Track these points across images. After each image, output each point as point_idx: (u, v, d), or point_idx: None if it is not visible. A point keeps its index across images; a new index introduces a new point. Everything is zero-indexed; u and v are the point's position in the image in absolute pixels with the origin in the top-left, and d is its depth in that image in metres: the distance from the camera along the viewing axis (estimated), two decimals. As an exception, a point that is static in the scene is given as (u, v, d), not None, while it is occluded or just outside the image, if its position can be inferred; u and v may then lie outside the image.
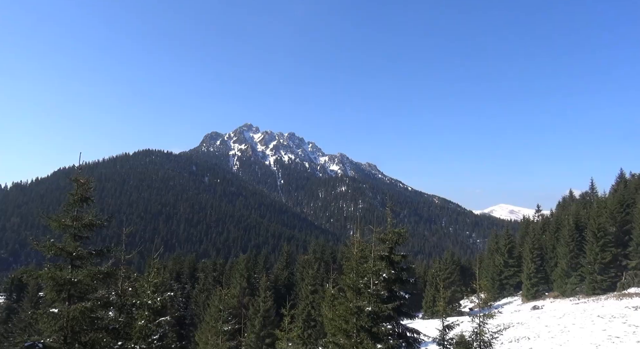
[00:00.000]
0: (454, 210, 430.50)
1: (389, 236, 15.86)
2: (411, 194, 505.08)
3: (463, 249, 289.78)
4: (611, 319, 38.05)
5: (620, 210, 59.58)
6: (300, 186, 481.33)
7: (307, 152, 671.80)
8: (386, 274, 15.58)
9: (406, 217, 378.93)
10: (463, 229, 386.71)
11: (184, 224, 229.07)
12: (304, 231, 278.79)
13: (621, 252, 54.57)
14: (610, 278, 53.62)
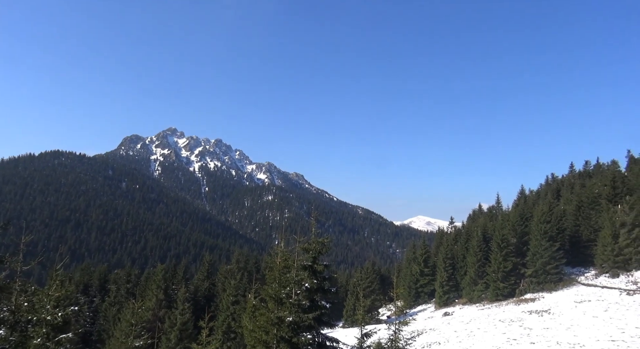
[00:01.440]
0: (376, 221, 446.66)
1: (313, 245, 16.04)
2: (336, 204, 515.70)
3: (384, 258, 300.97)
4: (510, 323, 41.69)
5: (521, 223, 65.91)
6: (225, 194, 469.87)
7: (234, 160, 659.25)
8: (308, 283, 15.71)
9: (331, 227, 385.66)
10: (384, 239, 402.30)
11: (95, 232, 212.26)
12: (228, 240, 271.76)
13: (520, 262, 60.22)
14: (510, 285, 58.87)
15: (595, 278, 56.40)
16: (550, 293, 54.33)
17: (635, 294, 45.97)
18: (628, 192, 65.86)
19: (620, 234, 55.19)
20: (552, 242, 57.70)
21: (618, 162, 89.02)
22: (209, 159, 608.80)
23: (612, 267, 55.47)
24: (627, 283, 51.20)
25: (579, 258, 63.05)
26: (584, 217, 67.23)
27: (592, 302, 45.43)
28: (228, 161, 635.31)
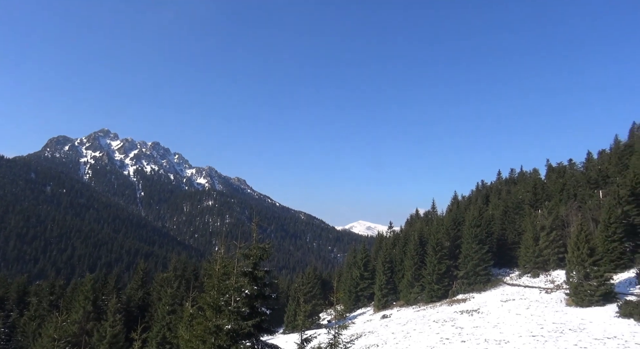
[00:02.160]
0: (318, 226, 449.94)
1: (254, 251, 15.87)
2: (279, 209, 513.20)
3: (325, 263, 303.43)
4: (443, 323, 43.68)
5: (454, 227, 69.51)
6: (163, 198, 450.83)
7: (173, 164, 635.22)
8: (249, 290, 15.51)
9: (273, 232, 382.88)
10: (326, 244, 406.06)
11: (14, 240, 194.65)
12: (165, 247, 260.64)
13: (453, 264, 63.43)
14: (444, 286, 61.80)
15: (519, 278, 60.76)
16: (480, 293, 57.69)
17: (552, 292, 50.08)
18: (547, 198, 71.87)
19: (540, 237, 59.97)
20: (482, 245, 61.44)
21: (539, 170, 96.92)
22: (146, 162, 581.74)
23: (533, 267, 60.07)
24: (545, 282, 55.67)
25: (505, 260, 67.59)
26: (509, 222, 72.31)
27: (516, 300, 48.85)
28: (166, 165, 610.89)
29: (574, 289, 43.51)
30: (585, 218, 60.01)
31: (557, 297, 47.23)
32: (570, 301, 43.94)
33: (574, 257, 44.52)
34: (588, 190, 69.49)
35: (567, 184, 74.42)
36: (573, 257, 44.64)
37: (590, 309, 40.41)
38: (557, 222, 61.75)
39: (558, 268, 57.23)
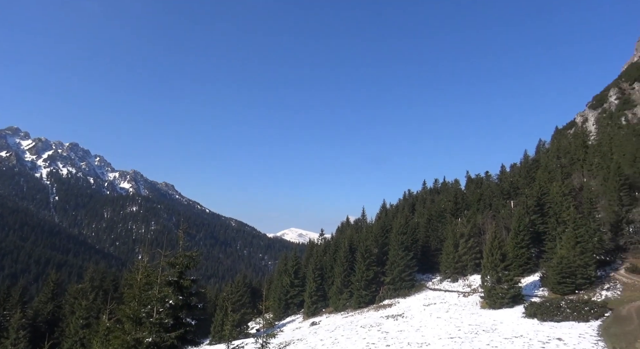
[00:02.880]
0: (249, 233, 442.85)
1: (180, 259, 15.26)
2: (209, 216, 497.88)
3: (256, 271, 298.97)
4: (370, 328, 44.88)
5: (382, 234, 72.01)
6: (80, 204, 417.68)
7: (93, 167, 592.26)
8: (173, 300, 14.86)
9: (202, 240, 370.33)
10: (257, 251, 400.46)
11: None
12: (81, 255, 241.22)
13: (380, 270, 65.61)
14: (371, 292, 63.64)
15: (440, 283, 64.30)
16: (405, 298, 60.18)
17: (469, 295, 53.59)
18: (466, 207, 77.10)
19: (459, 244, 64.04)
20: (408, 251, 64.28)
21: (459, 181, 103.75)
22: (62, 164, 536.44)
23: (453, 273, 63.92)
24: (463, 286, 59.45)
25: (428, 265, 71.18)
26: (433, 229, 76.42)
27: (437, 304, 51.59)
28: (85, 168, 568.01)
29: (488, 293, 46.92)
30: (499, 226, 65.14)
31: (473, 300, 50.58)
32: (484, 304, 47.30)
33: (488, 262, 48.05)
34: (501, 200, 75.59)
35: (483, 194, 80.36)
36: (487, 263, 48.17)
37: (502, 310, 43.76)
38: (475, 230, 66.36)
39: (475, 272, 61.37)
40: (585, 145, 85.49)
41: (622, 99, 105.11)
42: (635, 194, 59.97)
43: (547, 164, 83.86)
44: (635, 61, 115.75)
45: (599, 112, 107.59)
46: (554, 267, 47.60)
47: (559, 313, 38.38)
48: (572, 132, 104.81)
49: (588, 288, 46.01)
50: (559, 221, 56.94)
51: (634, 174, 61.99)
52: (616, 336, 30.97)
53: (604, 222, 57.95)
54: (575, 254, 47.22)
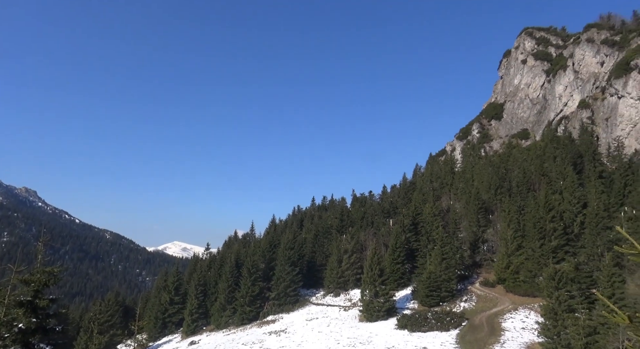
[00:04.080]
0: (126, 246, 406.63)
1: (37, 276, 13.48)
2: (79, 227, 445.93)
3: (131, 288, 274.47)
4: (252, 345, 44.17)
5: (269, 249, 71.96)
6: None
7: None
8: (24, 323, 13.00)
9: (68, 253, 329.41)
10: (134, 266, 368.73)
11: None
12: None
13: (266, 286, 65.28)
14: (256, 308, 62.85)
15: (323, 298, 66.20)
16: (289, 313, 60.58)
17: (349, 309, 56.06)
18: (351, 224, 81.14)
19: (343, 259, 66.93)
20: (294, 267, 65.11)
21: (346, 199, 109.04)
22: None
23: (336, 287, 66.38)
24: (345, 300, 62.03)
25: (313, 280, 72.84)
26: (319, 245, 78.72)
27: (319, 319, 52.92)
28: None
29: (366, 306, 49.63)
30: (379, 243, 69.76)
31: (352, 314, 52.98)
32: (362, 317, 49.88)
33: (368, 277, 50.95)
34: (382, 218, 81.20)
35: (367, 212, 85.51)
36: (367, 278, 51.06)
37: (378, 323, 46.54)
38: (358, 246, 70.04)
39: (356, 287, 64.49)
40: (453, 171, 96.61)
41: (482, 133, 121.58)
42: (489, 217, 69.24)
43: (422, 186, 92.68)
44: (493, 101, 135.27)
45: (464, 143, 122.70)
46: (423, 281, 52.34)
47: (425, 324, 42.15)
48: (443, 159, 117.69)
49: (450, 300, 51.42)
50: (429, 239, 63.02)
51: (489, 199, 71.67)
52: (470, 343, 35.05)
53: (465, 241, 65.74)
54: (441, 269, 52.61)
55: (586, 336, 28.96)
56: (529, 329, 39.71)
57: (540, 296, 42.97)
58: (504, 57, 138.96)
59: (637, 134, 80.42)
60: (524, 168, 76.48)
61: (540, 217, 54.18)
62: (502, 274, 54.20)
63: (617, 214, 54.60)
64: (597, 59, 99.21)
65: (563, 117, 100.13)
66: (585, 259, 47.88)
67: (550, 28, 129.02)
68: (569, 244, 53.63)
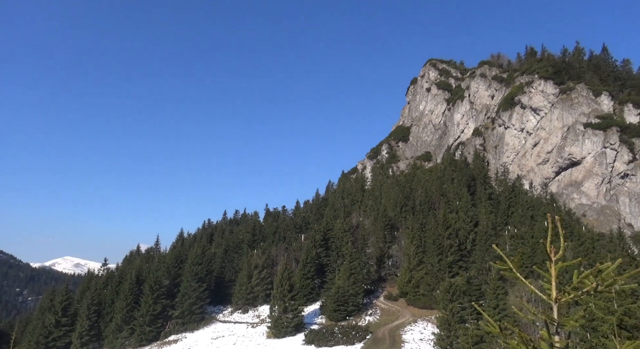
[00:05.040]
0: (5, 262, 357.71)
1: None
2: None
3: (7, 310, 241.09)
4: (151, 368, 41.20)
5: (176, 265, 68.27)
6: None
7: None
8: None
9: None
10: (14, 285, 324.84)
11: None
12: None
13: (169, 303, 61.62)
14: (157, 328, 58.88)
15: (231, 315, 64.24)
16: (193, 332, 57.69)
17: (257, 326, 55.06)
18: (263, 239, 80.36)
19: (253, 275, 65.80)
20: (201, 283, 62.41)
21: (259, 213, 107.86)
22: None
23: (245, 304, 64.88)
24: (253, 317, 60.82)
25: (220, 297, 70.39)
26: (229, 260, 76.58)
27: (226, 337, 51.20)
28: None
29: (274, 322, 49.18)
30: (290, 258, 69.92)
31: (260, 330, 52.11)
32: (270, 334, 49.29)
33: (277, 293, 50.65)
34: (294, 233, 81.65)
35: (279, 227, 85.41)
36: (277, 293, 50.75)
37: (285, 339, 46.31)
38: (269, 262, 69.42)
39: (265, 303, 63.63)
40: (363, 189, 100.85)
41: (391, 154, 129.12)
42: (395, 233, 73.22)
43: (333, 203, 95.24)
44: (400, 124, 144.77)
45: (374, 162, 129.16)
46: (332, 296, 53.38)
47: (332, 339, 42.91)
48: (354, 177, 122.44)
49: (356, 314, 53.02)
50: (339, 254, 64.70)
51: (395, 217, 75.90)
52: (373, 355, 36.33)
53: (372, 256, 68.59)
54: (349, 284, 54.19)
55: (474, 344, 31.68)
56: (426, 340, 42.34)
57: (437, 308, 46.18)
58: (411, 84, 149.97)
59: (519, 162, 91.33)
60: (426, 188, 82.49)
61: (439, 234, 58.63)
62: (404, 288, 57.35)
63: (502, 232, 61.17)
64: (488, 92, 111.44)
65: (460, 143, 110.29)
66: (475, 273, 52.68)
67: (451, 61, 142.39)
68: (463, 259, 58.67)
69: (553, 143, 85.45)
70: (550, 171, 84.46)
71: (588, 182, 77.44)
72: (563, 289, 2.98)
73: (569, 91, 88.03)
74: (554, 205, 68.79)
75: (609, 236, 56.74)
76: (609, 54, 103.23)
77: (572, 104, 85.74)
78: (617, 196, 72.86)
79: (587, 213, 73.22)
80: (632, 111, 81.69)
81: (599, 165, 76.91)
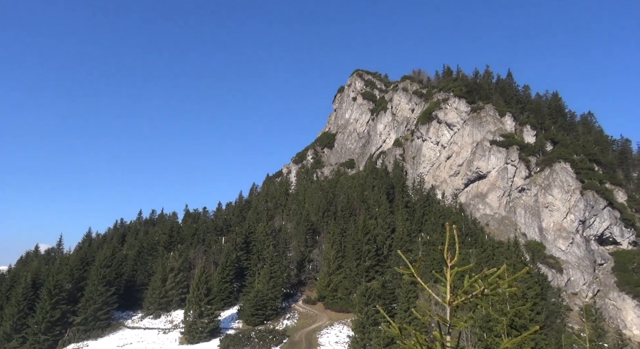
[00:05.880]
0: None
1: None
2: None
3: None
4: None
5: (81, 267, 62.93)
6: None
7: None
8: None
9: None
10: None
11: None
12: None
13: (71, 309, 56.56)
14: (54, 336, 53.70)
15: (141, 320, 60.62)
16: (97, 339, 53.52)
17: (169, 332, 52.58)
18: (181, 241, 77.02)
19: (168, 278, 62.80)
20: (109, 287, 58.14)
21: (177, 213, 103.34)
22: None
23: (157, 308, 61.62)
24: (165, 322, 57.97)
25: (130, 302, 66.17)
26: (142, 262, 72.29)
27: (134, 344, 48.22)
28: None
29: (188, 328, 47.35)
30: (209, 261, 67.87)
31: (173, 336, 49.86)
32: (183, 339, 47.36)
33: (193, 297, 48.88)
34: (215, 236, 79.40)
35: (199, 229, 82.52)
36: (193, 297, 48.95)
37: (199, 345, 44.80)
38: (186, 264, 66.71)
39: (179, 307, 60.98)
40: (287, 193, 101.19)
41: (316, 159, 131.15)
42: (316, 238, 74.34)
43: (257, 205, 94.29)
44: (327, 131, 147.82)
45: (299, 166, 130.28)
46: (250, 300, 52.69)
47: (248, 343, 42.34)
48: (279, 181, 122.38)
49: (274, 318, 52.86)
50: (260, 257, 64.11)
51: (318, 221, 77.09)
52: (289, 358, 36.46)
53: (293, 260, 68.96)
54: (269, 288, 53.91)
55: (385, 346, 33.18)
56: (341, 342, 43.45)
57: (353, 311, 47.62)
58: (339, 92, 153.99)
59: (434, 173, 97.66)
60: (349, 194, 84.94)
61: (358, 239, 60.61)
62: (323, 291, 58.36)
63: (416, 238, 64.86)
64: (409, 106, 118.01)
65: (382, 152, 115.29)
66: (390, 277, 55.18)
67: (376, 73, 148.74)
68: (379, 264, 61.19)
69: (464, 157, 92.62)
70: (460, 183, 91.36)
71: (492, 195, 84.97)
72: (455, 292, 3.29)
73: (479, 110, 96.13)
74: (462, 214, 74.45)
75: (507, 244, 62.72)
76: (513, 79, 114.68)
77: (481, 122, 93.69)
78: (515, 207, 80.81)
79: (489, 223, 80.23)
80: (530, 131, 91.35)
81: (501, 179, 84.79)
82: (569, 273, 69.13)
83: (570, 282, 68.42)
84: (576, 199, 75.72)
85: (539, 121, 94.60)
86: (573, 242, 72.76)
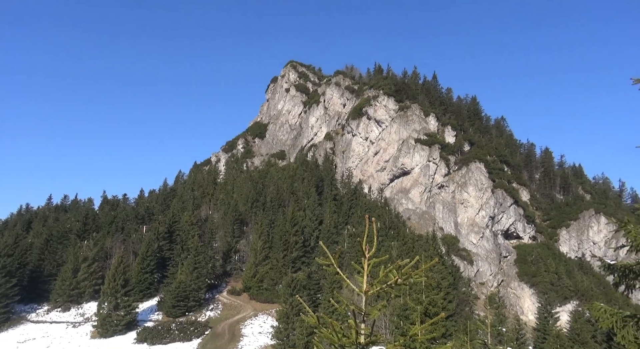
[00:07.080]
0: None
1: None
2: None
3: None
4: None
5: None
6: None
7: None
8: None
9: None
10: None
11: None
12: None
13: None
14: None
15: (47, 314, 55.99)
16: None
17: (80, 326, 49.21)
18: (97, 229, 72.02)
19: (81, 268, 58.53)
20: (10, 278, 52.85)
21: (93, 200, 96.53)
22: None
23: (66, 301, 57.24)
24: (76, 316, 54.10)
25: (35, 294, 60.73)
26: (50, 251, 66.57)
27: (37, 339, 44.53)
28: None
29: (102, 321, 44.66)
30: (127, 251, 64.23)
31: (84, 330, 46.79)
32: (96, 333, 44.62)
33: (109, 288, 46.15)
34: (135, 224, 75.28)
35: (117, 217, 77.72)
36: (108, 289, 46.21)
37: (114, 338, 42.51)
38: (102, 254, 62.61)
39: (93, 300, 57.18)
40: (215, 182, 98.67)
41: (246, 149, 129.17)
42: (244, 228, 73.45)
43: (182, 194, 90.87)
44: (258, 121, 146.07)
45: (229, 155, 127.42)
46: (172, 291, 50.86)
47: (168, 336, 40.95)
48: (207, 169, 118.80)
49: (197, 310, 51.58)
50: (184, 247, 61.99)
51: (246, 212, 76.17)
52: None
53: (219, 251, 67.57)
54: (192, 278, 52.40)
55: (307, 335, 33.87)
56: (265, 333, 43.58)
57: (278, 302, 47.90)
58: (272, 82, 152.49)
59: (362, 167, 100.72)
60: (278, 186, 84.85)
61: (286, 230, 60.89)
62: (248, 282, 57.97)
63: (343, 230, 66.63)
64: (341, 100, 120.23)
65: (313, 145, 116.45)
66: (316, 268, 56.20)
67: (310, 66, 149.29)
68: (306, 255, 62.03)
69: (390, 153, 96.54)
70: (386, 178, 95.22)
71: (414, 190, 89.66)
72: (371, 282, 3.47)
73: (406, 109, 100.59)
74: (387, 208, 77.77)
75: (426, 237, 66.69)
76: (437, 82, 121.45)
77: (407, 121, 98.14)
78: (434, 203, 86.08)
79: (411, 217, 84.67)
80: (450, 132, 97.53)
81: (423, 176, 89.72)
82: (478, 264, 75.29)
83: (479, 273, 74.58)
84: (488, 197, 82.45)
85: (459, 122, 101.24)
86: (483, 237, 79.27)
